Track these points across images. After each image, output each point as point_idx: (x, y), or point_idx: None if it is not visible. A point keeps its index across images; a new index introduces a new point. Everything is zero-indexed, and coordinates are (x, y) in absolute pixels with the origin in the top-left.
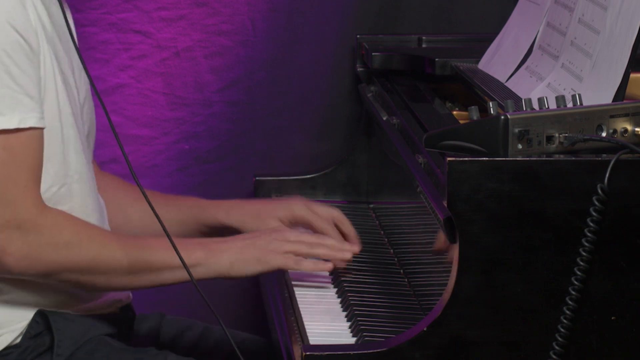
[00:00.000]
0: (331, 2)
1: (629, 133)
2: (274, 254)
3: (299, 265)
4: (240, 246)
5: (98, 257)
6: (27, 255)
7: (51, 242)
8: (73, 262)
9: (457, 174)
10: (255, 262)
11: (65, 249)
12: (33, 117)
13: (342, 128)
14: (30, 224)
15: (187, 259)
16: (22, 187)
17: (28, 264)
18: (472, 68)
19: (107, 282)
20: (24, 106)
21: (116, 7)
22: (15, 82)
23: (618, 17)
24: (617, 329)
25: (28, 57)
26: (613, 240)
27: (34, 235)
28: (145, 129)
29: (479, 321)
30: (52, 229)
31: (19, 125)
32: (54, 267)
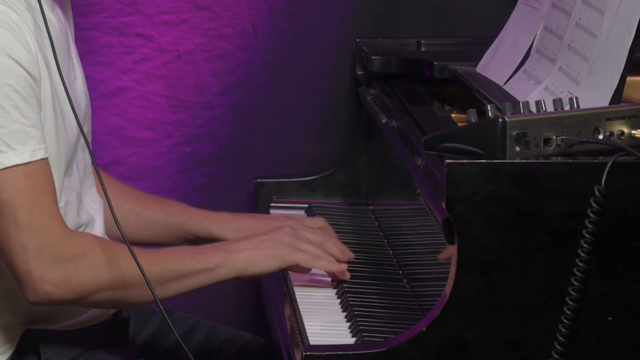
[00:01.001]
0: (331, 6)
1: (625, 135)
2: (291, 250)
3: (317, 263)
4: (256, 244)
5: (129, 272)
6: (64, 279)
7: (85, 264)
8: (108, 280)
9: (456, 176)
10: (272, 258)
11: (99, 267)
12: (41, 148)
13: (342, 130)
14: (62, 249)
15: (208, 263)
16: (47, 213)
17: (66, 289)
18: (471, 71)
19: (140, 296)
20: (33, 138)
21: (118, 11)
22: (23, 115)
23: (615, 21)
24: (614, 329)
25: (32, 89)
26: (610, 241)
27: (68, 259)
28: (147, 132)
29: (478, 322)
30: (84, 251)
31: (31, 159)
32: (90, 288)
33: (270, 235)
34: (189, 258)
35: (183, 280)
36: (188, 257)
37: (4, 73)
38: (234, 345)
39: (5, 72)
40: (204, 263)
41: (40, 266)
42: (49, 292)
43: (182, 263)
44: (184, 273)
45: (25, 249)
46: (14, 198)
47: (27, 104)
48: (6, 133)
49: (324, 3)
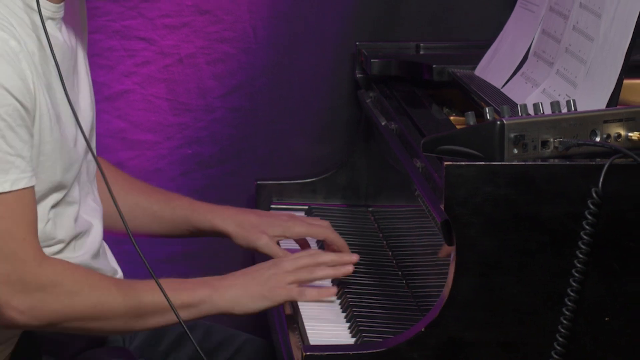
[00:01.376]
0: (331, 9)
1: (622, 138)
2: (278, 289)
3: (303, 296)
4: (242, 282)
5: (100, 304)
6: (30, 307)
7: (53, 293)
8: (76, 311)
9: (454, 178)
10: (260, 298)
11: (67, 298)
12: (25, 177)
13: (341, 133)
14: (30, 277)
15: (191, 298)
16: (20, 240)
17: (32, 316)
18: (469, 74)
19: (114, 327)
20: (16, 168)
21: (120, 15)
22: (9, 145)
23: (612, 24)
24: (611, 330)
25: (22, 119)
26: (607, 243)
27: (35, 288)
28: (149, 134)
29: (476, 322)
30: (53, 280)
31: (12, 188)
32: (57, 317)
33: (255, 275)
34: (170, 292)
35: (162, 314)
36: (169, 291)
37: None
38: (232, 344)
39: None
40: (185, 298)
41: (6, 292)
42: (14, 319)
43: (162, 296)
44: (162, 307)
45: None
46: None
47: (15, 133)
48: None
49: (324, 6)
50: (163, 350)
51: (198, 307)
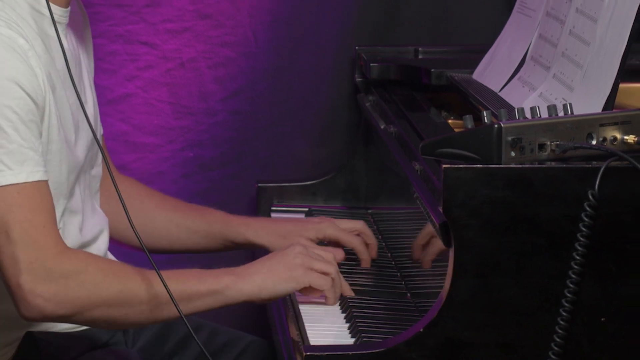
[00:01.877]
0: (330, 14)
1: (618, 141)
2: (304, 271)
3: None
4: (267, 267)
5: (126, 290)
6: (55, 294)
7: (77, 280)
8: (101, 298)
9: (453, 180)
10: (286, 280)
11: (92, 285)
12: (39, 170)
13: (341, 136)
14: (54, 264)
15: (216, 285)
16: (40, 228)
17: (58, 303)
18: (467, 78)
19: (139, 315)
20: (31, 160)
21: (123, 20)
22: (22, 137)
23: (607, 29)
24: (607, 331)
25: (33, 113)
26: (603, 245)
27: (59, 275)
28: (152, 137)
29: (474, 323)
30: (77, 268)
31: (27, 180)
32: (83, 304)
33: (281, 258)
34: (195, 279)
35: (188, 301)
36: (194, 279)
37: (5, 95)
38: (236, 346)
39: (7, 94)
40: (211, 285)
41: (31, 280)
42: (40, 307)
43: (186, 284)
44: (188, 294)
45: (16, 263)
46: (6, 213)
47: (27, 127)
48: (4, 153)
49: (324, 11)
50: (167, 352)
51: (224, 294)
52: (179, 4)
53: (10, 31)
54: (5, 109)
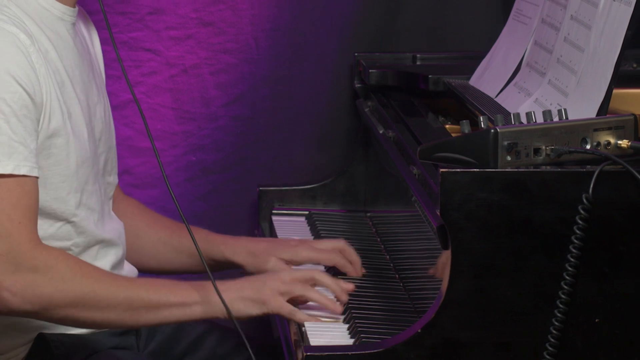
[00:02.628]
0: (330, 21)
1: (611, 145)
2: (271, 298)
3: (293, 315)
4: (238, 287)
5: (93, 291)
6: (22, 289)
7: (45, 276)
8: (68, 297)
9: (450, 184)
10: (252, 304)
11: (60, 282)
12: (27, 165)
13: (340, 141)
14: (24, 258)
15: (184, 298)
16: (16, 222)
17: (24, 298)
18: (464, 84)
19: (107, 319)
20: (19, 154)
21: (127, 27)
22: (13, 131)
23: (601, 36)
24: (601, 330)
25: (28, 109)
26: (597, 247)
27: (28, 270)
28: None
29: (471, 323)
30: (47, 264)
31: (13, 172)
32: (49, 301)
33: (254, 281)
34: (165, 289)
35: (156, 310)
36: (164, 289)
37: (1, 87)
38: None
39: (2, 87)
40: (179, 297)
41: (0, 272)
42: (6, 300)
43: (156, 293)
44: (155, 303)
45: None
46: None
47: (19, 121)
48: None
49: (324, 19)
50: (177, 355)
51: (191, 307)
52: (182, 11)
53: (12, 27)
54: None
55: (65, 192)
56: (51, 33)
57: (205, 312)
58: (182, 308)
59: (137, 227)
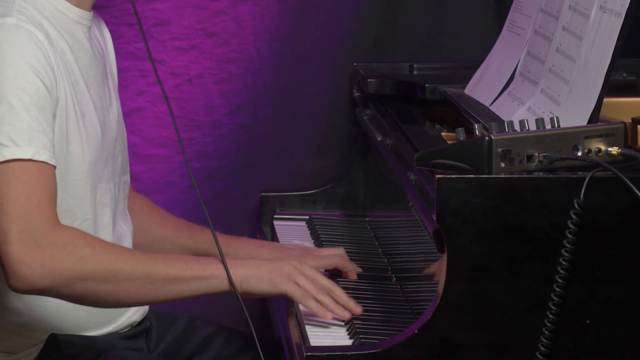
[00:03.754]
0: (330, 32)
1: (602, 152)
2: (287, 279)
3: (305, 300)
4: (255, 265)
5: (112, 265)
6: (42, 264)
7: (64, 251)
8: (87, 271)
9: (446, 190)
10: (268, 281)
11: (79, 257)
12: (45, 153)
13: (340, 148)
14: (43, 236)
15: (201, 271)
16: (36, 202)
17: (44, 273)
18: (459, 93)
19: (126, 292)
20: (39, 141)
21: (134, 38)
22: (32, 119)
23: (592, 46)
24: (591, 332)
25: (45, 100)
26: (588, 251)
27: (47, 246)
28: (161, 149)
29: (466, 325)
30: (66, 240)
31: (33, 157)
32: (69, 275)
33: (271, 262)
34: (182, 264)
35: (173, 284)
36: (181, 263)
37: (20, 78)
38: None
39: (21, 77)
40: (196, 270)
41: (19, 249)
42: (27, 276)
43: (173, 267)
44: (173, 277)
45: (7, 232)
46: (5, 185)
47: (38, 110)
48: (13, 130)
49: (324, 30)
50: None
51: (209, 280)
52: (187, 23)
53: (31, 26)
54: (19, 91)
55: (81, 190)
56: (68, 35)
57: (221, 285)
58: (198, 281)
59: (146, 225)
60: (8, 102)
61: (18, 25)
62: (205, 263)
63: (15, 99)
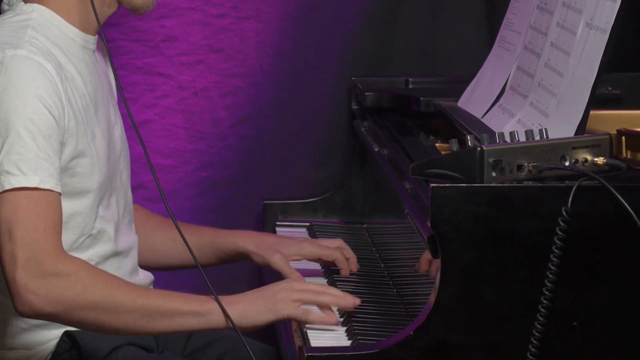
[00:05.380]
0: (329, 48)
1: (588, 162)
2: (283, 304)
3: (307, 316)
4: (250, 299)
5: (112, 296)
6: (46, 292)
7: (67, 281)
8: (88, 300)
9: (440, 198)
10: (265, 311)
11: (81, 287)
12: (51, 181)
13: (339, 158)
14: (48, 264)
15: (200, 307)
16: (41, 231)
17: (47, 300)
18: (453, 106)
19: (124, 323)
20: (45, 170)
21: (142, 53)
22: (39, 149)
23: (579, 61)
24: (579, 333)
25: (53, 129)
26: (576, 256)
27: (52, 275)
28: (168, 159)
29: (459, 327)
30: (69, 270)
31: (39, 185)
32: (70, 304)
33: (264, 292)
34: (180, 299)
35: (172, 318)
36: (179, 298)
37: (28, 108)
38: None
39: (30, 108)
40: (195, 306)
41: (25, 276)
42: (31, 302)
43: (172, 301)
44: (171, 311)
45: (14, 260)
46: (12, 214)
47: (45, 140)
48: (20, 159)
49: (324, 46)
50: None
51: (206, 317)
52: (193, 39)
53: (41, 58)
54: (27, 121)
55: (88, 207)
56: (77, 60)
57: (219, 321)
58: (196, 317)
59: (147, 229)
60: (17, 132)
61: (28, 57)
62: (203, 300)
63: (23, 129)
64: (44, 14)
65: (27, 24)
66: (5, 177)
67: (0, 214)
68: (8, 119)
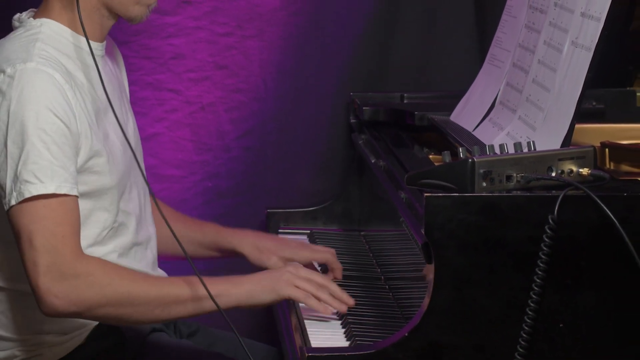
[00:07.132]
0: (329, 65)
1: (574, 173)
2: (286, 284)
3: (307, 300)
4: (257, 278)
5: (128, 292)
6: (68, 294)
7: (86, 281)
8: (108, 298)
9: (433, 207)
10: (269, 291)
11: (99, 286)
12: (66, 186)
13: (338, 169)
14: (67, 268)
15: (212, 290)
16: (60, 237)
17: (69, 301)
18: (445, 119)
19: (143, 315)
20: (60, 176)
21: (152, 70)
22: (54, 156)
23: (565, 78)
24: (564, 334)
25: (66, 137)
26: (562, 262)
27: (72, 277)
28: (176, 170)
29: (452, 328)
30: (87, 271)
31: (56, 192)
32: (91, 303)
33: (269, 273)
34: (191, 285)
35: (185, 304)
36: (192, 285)
37: (40, 119)
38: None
39: (42, 119)
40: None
41: (47, 281)
42: (54, 304)
43: (184, 288)
44: (184, 297)
45: (36, 266)
46: (31, 223)
47: (59, 148)
48: (37, 168)
49: (323, 63)
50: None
51: (218, 299)
52: (200, 56)
53: (49, 69)
54: (40, 132)
55: (108, 202)
56: (86, 67)
57: (229, 301)
58: (208, 300)
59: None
60: (32, 142)
61: (37, 69)
62: (215, 282)
63: (37, 140)
64: (52, 27)
65: (36, 37)
66: (24, 185)
67: (21, 223)
68: (23, 130)
